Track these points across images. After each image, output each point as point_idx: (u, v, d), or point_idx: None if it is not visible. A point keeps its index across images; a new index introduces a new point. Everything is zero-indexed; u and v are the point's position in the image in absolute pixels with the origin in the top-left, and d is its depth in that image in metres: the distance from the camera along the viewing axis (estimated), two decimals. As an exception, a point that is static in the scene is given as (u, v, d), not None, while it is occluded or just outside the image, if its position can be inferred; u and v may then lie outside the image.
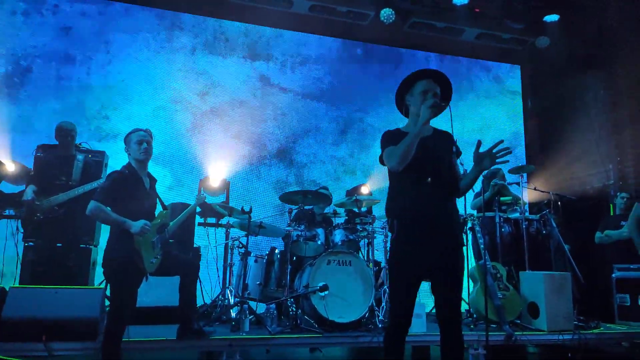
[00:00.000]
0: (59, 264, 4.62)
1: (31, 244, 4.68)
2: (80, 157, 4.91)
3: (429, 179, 2.76)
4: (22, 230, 4.60)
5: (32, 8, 6.80)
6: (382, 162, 2.94)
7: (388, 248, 4.89)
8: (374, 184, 7.12)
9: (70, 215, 4.62)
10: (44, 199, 4.56)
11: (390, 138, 2.86)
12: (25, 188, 4.62)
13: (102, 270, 3.47)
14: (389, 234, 3.00)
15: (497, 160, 2.68)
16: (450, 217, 2.80)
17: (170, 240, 3.84)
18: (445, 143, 2.89)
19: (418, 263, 2.72)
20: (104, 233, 3.89)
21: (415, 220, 2.74)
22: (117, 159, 4.95)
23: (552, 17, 7.75)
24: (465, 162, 5.00)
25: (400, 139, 2.74)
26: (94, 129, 6.75)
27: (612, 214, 6.71)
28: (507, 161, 2.68)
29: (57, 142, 4.92)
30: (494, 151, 2.66)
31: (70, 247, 4.75)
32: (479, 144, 2.71)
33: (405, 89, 2.98)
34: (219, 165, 6.92)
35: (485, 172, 5.73)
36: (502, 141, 2.65)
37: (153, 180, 3.82)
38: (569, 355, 4.73)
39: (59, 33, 6.87)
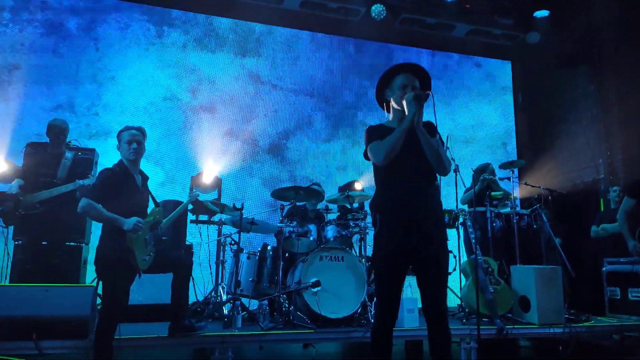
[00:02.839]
0: (45, 262, 4.60)
1: (20, 242, 4.66)
2: (69, 155, 4.89)
3: (412, 172, 2.76)
4: (4, 225, 4.57)
5: (19, 5, 6.72)
6: (366, 157, 2.93)
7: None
8: (366, 180, 7.11)
9: (55, 213, 4.60)
10: (28, 195, 4.54)
11: (375, 133, 2.86)
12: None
13: (93, 268, 3.45)
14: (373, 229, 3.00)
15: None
16: (432, 210, 2.78)
17: (164, 238, 3.82)
18: (429, 134, 2.82)
19: (401, 257, 2.72)
20: (96, 231, 3.87)
21: (397, 214, 2.73)
22: (107, 157, 4.92)
23: (542, 13, 7.80)
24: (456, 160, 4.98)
25: (384, 134, 2.75)
26: (84, 126, 6.70)
27: (602, 208, 6.76)
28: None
29: (47, 140, 4.89)
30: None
31: (56, 246, 4.72)
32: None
33: (384, 83, 2.98)
34: (211, 162, 6.90)
35: (476, 167, 5.78)
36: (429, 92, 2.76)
37: (145, 178, 3.80)
38: (560, 348, 4.78)
39: (47, 30, 6.80)
